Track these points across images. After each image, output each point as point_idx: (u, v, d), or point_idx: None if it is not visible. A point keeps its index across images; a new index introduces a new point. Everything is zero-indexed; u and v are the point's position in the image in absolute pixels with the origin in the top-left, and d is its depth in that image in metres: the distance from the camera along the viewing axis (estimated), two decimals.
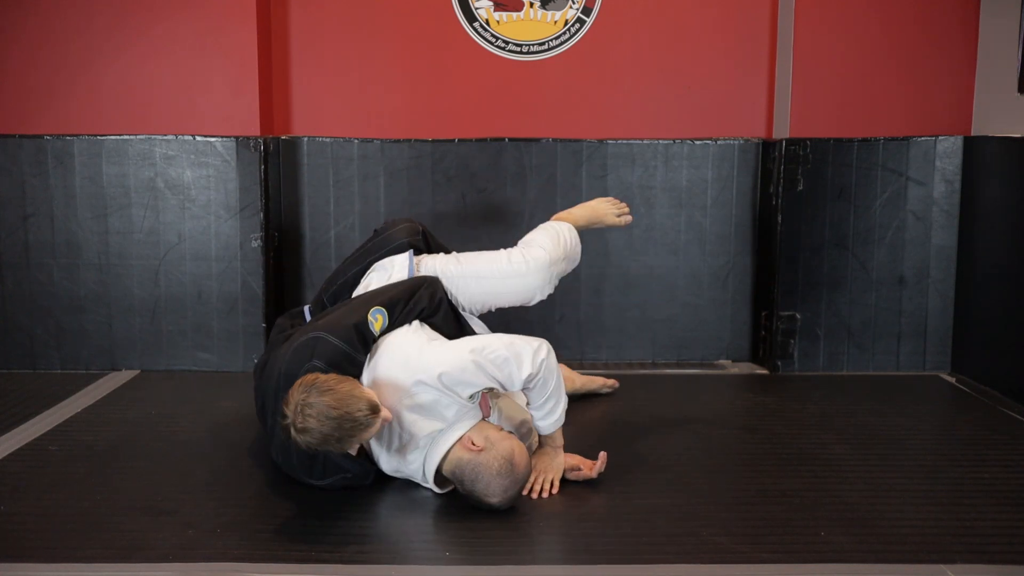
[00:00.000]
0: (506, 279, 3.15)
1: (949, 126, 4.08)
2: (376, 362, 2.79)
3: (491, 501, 2.59)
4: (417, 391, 2.66)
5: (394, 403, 2.68)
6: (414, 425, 2.68)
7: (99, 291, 4.11)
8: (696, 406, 3.61)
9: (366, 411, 2.48)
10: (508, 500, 2.60)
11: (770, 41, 4.21)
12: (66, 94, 4.03)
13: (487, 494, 2.58)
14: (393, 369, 2.73)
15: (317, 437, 2.47)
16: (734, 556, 2.39)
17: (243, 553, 2.40)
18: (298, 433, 2.47)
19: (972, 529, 2.55)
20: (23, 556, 2.38)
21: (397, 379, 2.70)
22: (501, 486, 2.57)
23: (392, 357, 2.76)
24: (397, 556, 2.40)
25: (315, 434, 2.46)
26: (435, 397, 2.66)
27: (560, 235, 3.22)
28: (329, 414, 2.44)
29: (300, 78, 4.24)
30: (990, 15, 3.96)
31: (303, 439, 2.48)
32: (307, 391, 2.48)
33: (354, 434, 2.50)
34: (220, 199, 4.07)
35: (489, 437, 2.63)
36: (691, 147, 4.24)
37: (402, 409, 2.68)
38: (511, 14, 4.21)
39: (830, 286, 4.13)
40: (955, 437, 3.35)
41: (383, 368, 2.75)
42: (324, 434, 2.46)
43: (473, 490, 2.60)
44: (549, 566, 2.37)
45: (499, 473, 2.57)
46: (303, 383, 2.51)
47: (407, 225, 3.30)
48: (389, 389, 2.70)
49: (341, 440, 2.50)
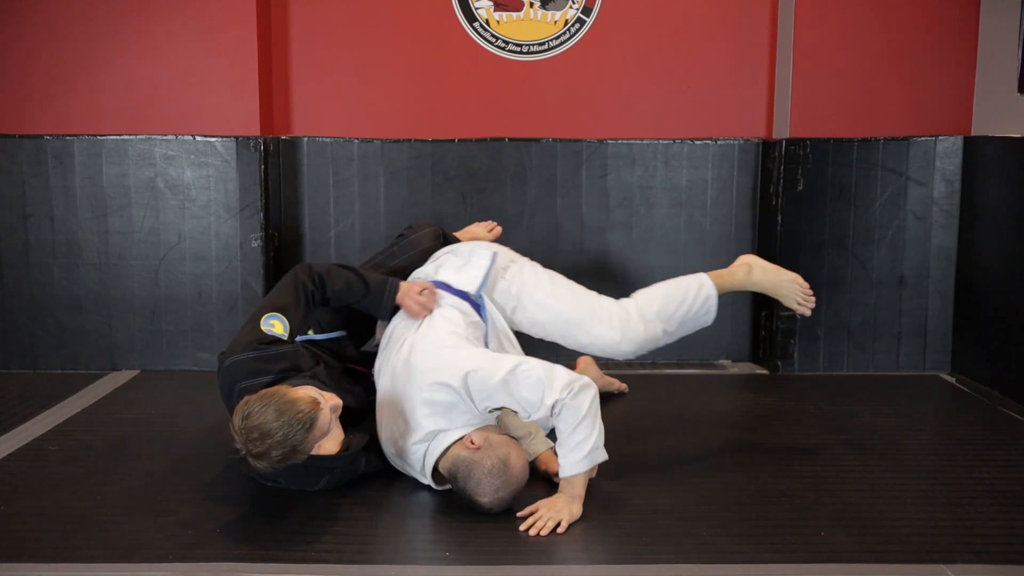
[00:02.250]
0: (593, 339, 3.07)
1: (949, 126, 4.08)
2: (413, 342, 2.81)
3: (481, 501, 2.57)
4: (438, 388, 2.66)
5: (411, 389, 2.69)
6: (424, 418, 2.67)
7: (99, 291, 4.11)
8: (696, 406, 3.61)
9: (307, 407, 2.44)
10: (498, 502, 2.58)
11: (770, 41, 4.21)
12: (66, 94, 4.03)
13: (477, 493, 2.56)
14: (423, 356, 2.74)
15: (276, 454, 2.41)
16: (734, 556, 2.39)
17: (243, 553, 2.40)
18: (256, 459, 2.41)
19: (972, 529, 2.55)
20: (23, 556, 2.38)
21: (422, 366, 2.71)
22: (492, 486, 2.55)
23: (427, 346, 2.77)
24: (397, 556, 2.39)
25: (271, 452, 2.40)
26: (453, 400, 2.65)
27: (687, 301, 2.99)
28: (273, 429, 2.38)
29: (300, 78, 4.24)
30: (990, 15, 3.96)
31: (263, 463, 2.42)
32: (243, 418, 2.41)
33: (307, 434, 2.44)
34: (220, 199, 4.07)
35: (489, 438, 2.63)
36: (691, 147, 4.24)
37: (417, 397, 2.67)
38: (511, 14, 4.21)
39: (830, 286, 4.13)
40: (955, 437, 3.35)
41: (417, 351, 2.76)
42: (279, 448, 2.40)
43: (465, 488, 2.58)
44: (549, 566, 2.37)
45: (491, 472, 2.55)
46: (236, 414, 2.45)
47: (430, 230, 3.33)
48: (413, 373, 2.71)
49: (299, 445, 2.44)
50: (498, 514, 2.61)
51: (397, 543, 2.47)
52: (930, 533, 2.52)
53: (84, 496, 2.74)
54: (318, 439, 2.52)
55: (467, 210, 4.24)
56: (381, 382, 2.91)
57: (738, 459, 3.11)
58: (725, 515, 2.64)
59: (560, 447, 2.65)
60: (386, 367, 2.90)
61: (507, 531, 2.54)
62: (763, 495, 2.78)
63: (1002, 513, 2.65)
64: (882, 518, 2.61)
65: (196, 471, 2.96)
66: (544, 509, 2.58)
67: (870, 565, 2.35)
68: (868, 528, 2.55)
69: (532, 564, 2.36)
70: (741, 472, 2.98)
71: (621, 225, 4.27)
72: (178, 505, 2.68)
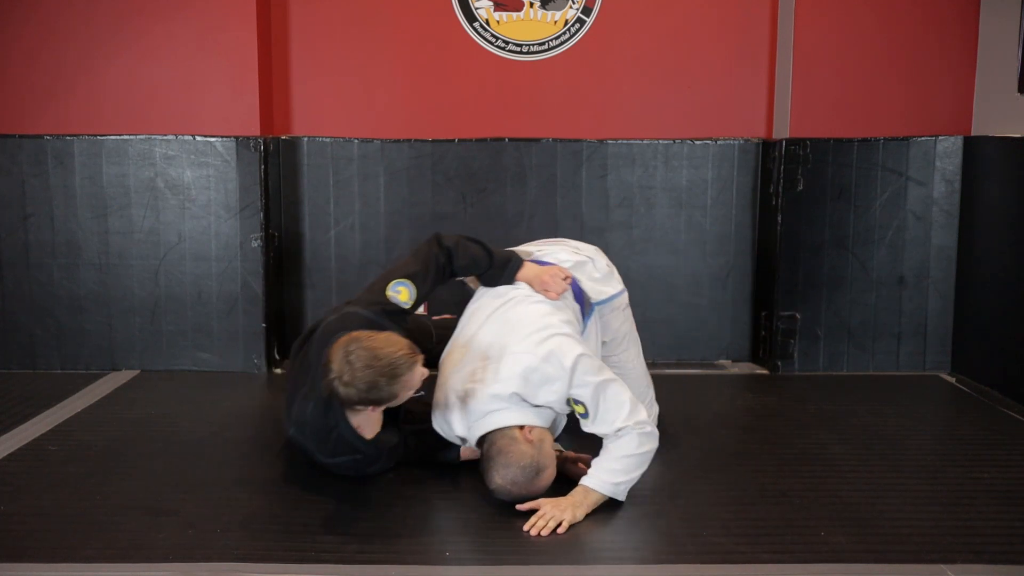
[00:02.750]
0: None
1: (949, 126, 4.08)
2: (534, 310, 2.84)
3: (494, 481, 2.59)
4: (549, 359, 2.66)
5: (519, 346, 2.70)
6: (519, 378, 2.66)
7: (99, 291, 4.11)
8: (696, 406, 3.61)
9: (407, 353, 2.58)
10: (504, 493, 2.60)
11: (770, 41, 4.21)
12: (66, 94, 4.03)
13: (497, 472, 2.58)
14: (542, 325, 2.76)
15: (364, 383, 2.53)
16: (734, 556, 2.39)
17: (243, 553, 2.40)
18: (345, 386, 2.54)
19: (972, 529, 2.55)
20: (23, 556, 2.38)
21: (538, 335, 2.72)
22: (512, 476, 2.57)
23: (549, 320, 2.80)
24: (397, 556, 2.39)
25: (366, 379, 2.52)
26: (555, 376, 2.65)
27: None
28: (372, 362, 2.52)
29: (300, 78, 4.24)
30: (990, 15, 3.96)
31: (350, 390, 2.54)
32: (347, 345, 2.56)
33: (398, 376, 2.56)
34: (220, 199, 4.06)
35: (544, 443, 2.64)
36: (691, 147, 4.24)
37: (524, 357, 2.68)
38: (511, 14, 4.21)
39: (830, 286, 4.13)
40: (955, 437, 3.35)
41: (537, 319, 2.80)
42: (370, 381, 2.53)
43: (491, 462, 2.60)
44: (549, 566, 2.37)
45: (523, 468, 2.57)
46: (342, 341, 2.58)
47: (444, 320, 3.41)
48: (527, 334, 2.73)
49: (389, 384, 2.55)
50: (498, 514, 2.61)
51: (397, 543, 2.47)
52: (930, 533, 2.52)
53: (84, 496, 2.74)
54: (406, 389, 2.62)
55: (467, 210, 4.24)
56: (475, 321, 2.91)
57: (738, 459, 3.11)
58: (725, 515, 2.64)
59: (599, 461, 2.68)
60: (494, 314, 2.89)
61: (507, 531, 2.54)
62: (763, 495, 2.78)
63: (1002, 513, 2.65)
64: (882, 518, 2.61)
65: (196, 471, 2.96)
66: (549, 507, 2.58)
67: (870, 565, 2.35)
68: (868, 528, 2.55)
69: (532, 564, 2.37)
70: (741, 472, 2.98)
71: (621, 225, 4.27)
72: (178, 505, 2.68)
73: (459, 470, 2.95)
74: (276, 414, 3.50)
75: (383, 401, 2.63)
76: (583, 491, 2.65)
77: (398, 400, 2.66)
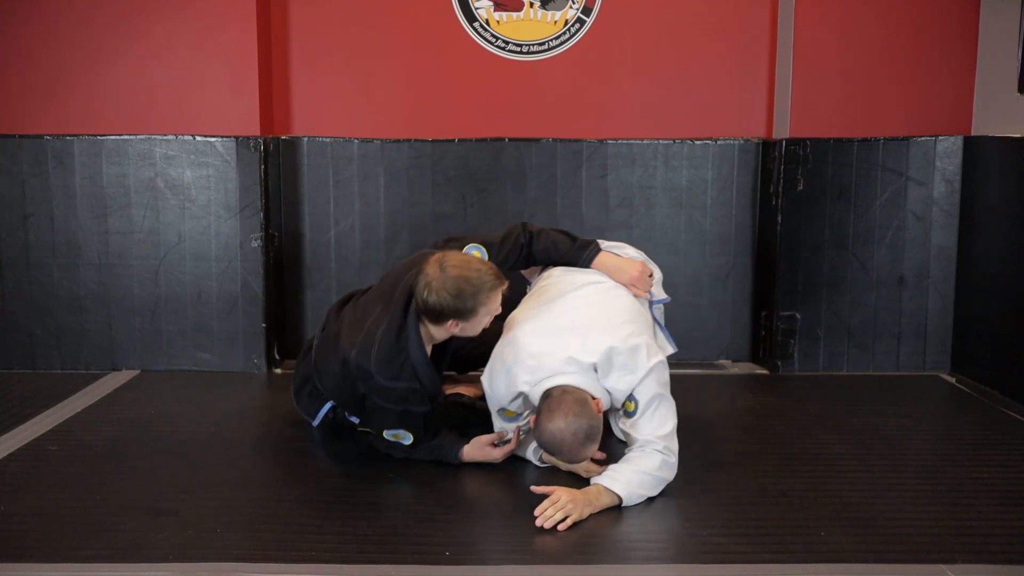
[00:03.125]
0: None
1: (949, 126, 4.08)
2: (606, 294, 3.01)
3: (557, 423, 2.60)
4: (635, 352, 2.76)
5: (612, 323, 2.84)
6: (591, 353, 2.75)
7: (99, 291, 4.11)
8: (696, 406, 3.61)
9: (494, 275, 2.82)
10: (556, 440, 2.61)
11: (770, 41, 4.21)
12: (66, 94, 4.03)
13: (563, 418, 2.60)
14: (638, 319, 2.95)
15: (453, 289, 2.74)
16: (734, 556, 2.39)
17: (243, 553, 2.40)
18: (434, 292, 2.76)
19: (972, 529, 2.55)
20: (23, 556, 2.38)
21: (634, 326, 2.88)
22: (575, 428, 2.59)
23: (642, 315, 3.02)
24: (397, 556, 2.39)
25: (451, 287, 2.74)
26: (631, 367, 2.75)
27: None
28: (464, 271, 2.76)
29: (300, 78, 4.24)
30: (990, 15, 3.96)
31: (437, 297, 2.75)
32: (442, 258, 2.80)
33: (483, 290, 2.77)
34: (220, 199, 4.07)
35: (599, 420, 2.70)
36: (691, 147, 4.24)
37: (619, 334, 2.78)
38: (511, 14, 4.21)
39: (830, 286, 4.13)
40: (955, 437, 3.35)
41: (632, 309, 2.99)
42: (458, 288, 2.75)
43: (559, 407, 2.62)
44: (549, 566, 2.37)
45: (588, 426, 2.61)
46: (437, 256, 2.83)
47: None
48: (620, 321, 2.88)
49: (474, 296, 2.76)
50: (498, 514, 2.62)
51: (397, 543, 2.47)
52: (930, 533, 2.52)
53: (84, 496, 2.74)
54: (485, 309, 2.82)
55: (467, 210, 4.24)
56: (557, 289, 3.02)
57: (738, 459, 3.11)
58: (725, 515, 2.64)
59: (619, 467, 2.72)
60: (583, 289, 3.01)
61: (507, 531, 2.54)
62: (763, 495, 2.78)
63: (1002, 513, 2.65)
64: (882, 518, 2.61)
65: (196, 471, 2.96)
66: (564, 497, 2.60)
67: (870, 565, 2.35)
68: (868, 528, 2.55)
69: (532, 564, 2.36)
70: (741, 472, 2.98)
71: (621, 225, 4.27)
72: (178, 505, 2.68)
73: (459, 470, 2.95)
74: (276, 414, 3.51)
75: (463, 313, 2.80)
76: (599, 490, 2.66)
77: (474, 323, 2.84)
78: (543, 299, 3.00)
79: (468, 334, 2.91)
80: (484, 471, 2.96)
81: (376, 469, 2.96)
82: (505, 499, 2.79)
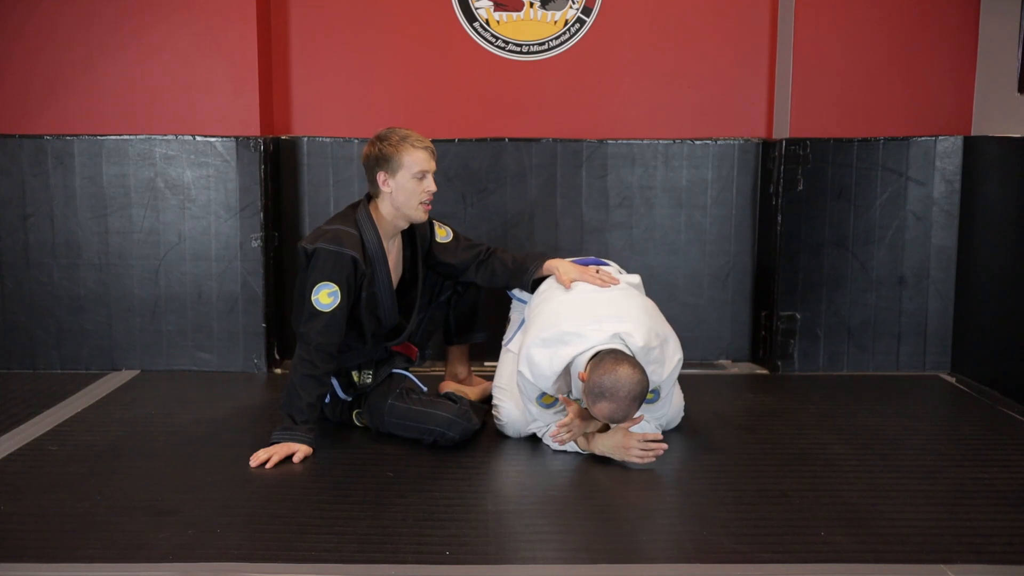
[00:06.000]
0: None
1: (949, 126, 4.08)
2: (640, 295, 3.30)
3: (601, 382, 2.77)
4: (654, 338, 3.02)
5: (646, 312, 3.12)
6: (636, 338, 2.94)
7: (99, 291, 4.11)
8: (696, 406, 3.61)
9: (422, 137, 3.20)
10: (610, 383, 2.77)
11: (770, 41, 4.21)
12: (66, 94, 4.03)
13: (608, 374, 2.77)
14: (655, 316, 3.16)
15: (379, 133, 3.19)
16: (734, 556, 2.39)
17: (243, 553, 2.40)
18: (365, 146, 3.23)
19: (972, 529, 2.55)
20: (23, 556, 2.38)
21: (657, 319, 3.14)
22: (623, 381, 2.76)
23: (652, 308, 3.21)
24: (397, 556, 2.39)
25: (379, 133, 3.18)
26: (652, 348, 2.98)
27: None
28: (397, 129, 3.21)
29: (300, 78, 4.24)
30: (990, 15, 3.96)
31: (367, 147, 3.19)
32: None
33: (406, 139, 3.15)
34: (220, 199, 4.07)
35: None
36: (691, 147, 4.24)
37: (642, 334, 2.97)
38: (511, 14, 4.21)
39: (830, 286, 4.13)
40: (955, 437, 3.35)
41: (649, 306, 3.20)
42: (384, 132, 3.19)
43: (605, 367, 2.79)
44: (549, 566, 2.37)
45: (638, 379, 2.78)
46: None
47: None
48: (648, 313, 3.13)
49: (397, 142, 3.15)
50: (497, 514, 2.61)
51: (397, 543, 2.47)
52: (930, 533, 2.52)
53: (84, 496, 2.74)
54: (412, 164, 3.15)
55: (467, 210, 4.24)
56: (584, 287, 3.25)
57: (738, 459, 3.11)
58: (725, 515, 2.64)
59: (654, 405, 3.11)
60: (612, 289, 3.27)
61: (507, 531, 2.55)
62: (763, 495, 2.78)
63: (1002, 513, 2.65)
64: (882, 518, 2.61)
65: (196, 471, 2.96)
66: (578, 423, 3.01)
67: (870, 565, 2.35)
68: (868, 528, 2.55)
69: (532, 564, 2.37)
70: (741, 472, 2.99)
71: (621, 225, 4.27)
72: (178, 505, 2.68)
73: (459, 471, 2.95)
74: (276, 414, 3.50)
75: (387, 160, 3.13)
76: (612, 431, 2.97)
77: (402, 182, 3.14)
78: (560, 297, 3.20)
79: (401, 204, 3.18)
80: (484, 471, 2.97)
81: (376, 469, 2.97)
82: (505, 499, 2.79)
